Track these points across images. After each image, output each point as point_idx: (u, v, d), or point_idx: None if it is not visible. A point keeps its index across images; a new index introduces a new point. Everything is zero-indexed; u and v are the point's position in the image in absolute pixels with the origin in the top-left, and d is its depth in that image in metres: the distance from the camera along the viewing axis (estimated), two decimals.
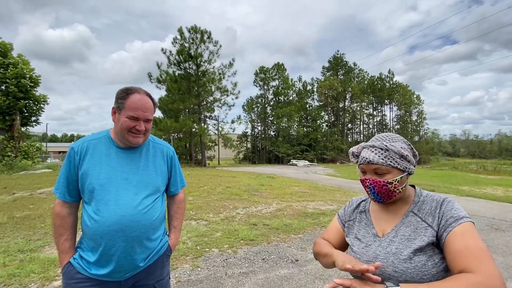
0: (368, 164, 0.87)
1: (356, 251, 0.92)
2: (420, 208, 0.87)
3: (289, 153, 36.78)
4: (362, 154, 0.90)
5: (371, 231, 0.93)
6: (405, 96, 49.67)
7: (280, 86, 40.43)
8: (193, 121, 24.64)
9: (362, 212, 1.01)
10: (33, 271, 2.86)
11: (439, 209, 0.83)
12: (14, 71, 17.14)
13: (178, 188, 1.43)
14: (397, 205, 0.91)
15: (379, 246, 0.88)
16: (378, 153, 0.85)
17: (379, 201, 0.89)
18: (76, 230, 1.24)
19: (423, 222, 0.83)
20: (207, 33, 24.47)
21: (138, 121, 1.16)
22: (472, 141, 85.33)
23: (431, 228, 0.81)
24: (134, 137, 1.18)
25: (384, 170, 0.85)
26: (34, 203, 6.38)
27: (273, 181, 11.96)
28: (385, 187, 0.85)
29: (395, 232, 0.87)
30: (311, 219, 5.34)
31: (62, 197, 1.18)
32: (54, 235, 1.18)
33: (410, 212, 0.88)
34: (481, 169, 25.37)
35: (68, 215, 1.19)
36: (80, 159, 1.17)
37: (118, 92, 1.20)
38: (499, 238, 4.43)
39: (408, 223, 0.86)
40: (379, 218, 0.95)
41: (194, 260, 3.31)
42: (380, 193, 0.86)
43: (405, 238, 0.84)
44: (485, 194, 9.52)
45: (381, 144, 0.86)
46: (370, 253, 0.88)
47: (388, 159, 0.84)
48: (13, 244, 3.65)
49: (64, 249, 1.17)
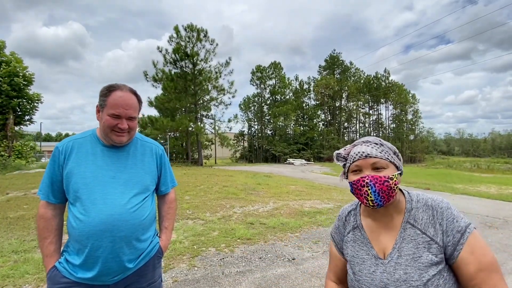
0: (366, 159, 0.80)
1: (359, 279, 0.83)
2: (416, 217, 0.80)
3: (286, 152, 36.86)
4: (355, 150, 0.83)
5: (371, 252, 0.84)
6: (401, 95, 50.08)
7: (277, 85, 40.47)
8: (190, 120, 24.53)
9: (356, 229, 0.90)
10: (27, 272, 2.82)
11: (439, 219, 0.77)
12: (6, 70, 16.88)
13: (169, 188, 1.39)
14: (391, 215, 0.83)
15: (384, 272, 0.79)
16: (375, 146, 0.82)
17: (379, 203, 0.78)
18: (62, 233, 1.19)
19: (424, 235, 0.77)
20: (203, 31, 24.35)
21: (120, 119, 1.11)
22: (466, 140, 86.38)
23: (435, 243, 0.75)
24: (118, 135, 1.13)
25: (383, 164, 0.79)
26: (28, 203, 6.31)
27: (269, 180, 11.97)
28: (386, 183, 0.76)
29: (397, 251, 0.79)
30: (308, 218, 5.36)
31: (46, 198, 1.14)
32: (38, 238, 1.14)
33: (407, 224, 0.80)
34: (475, 168, 25.71)
35: (53, 217, 1.14)
36: (65, 158, 1.12)
37: (102, 89, 1.15)
38: (493, 235, 4.50)
39: (408, 237, 0.78)
40: (375, 234, 0.85)
41: (191, 259, 3.30)
42: (381, 192, 0.76)
43: (410, 258, 0.76)
44: (479, 192, 9.64)
45: (375, 139, 0.84)
46: (377, 282, 0.79)
47: (385, 153, 0.80)
48: (7, 245, 3.61)
49: (48, 253, 1.12)
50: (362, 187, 0.79)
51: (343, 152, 0.88)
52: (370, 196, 0.78)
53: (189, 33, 24.23)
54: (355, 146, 0.85)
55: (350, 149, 0.87)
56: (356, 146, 0.85)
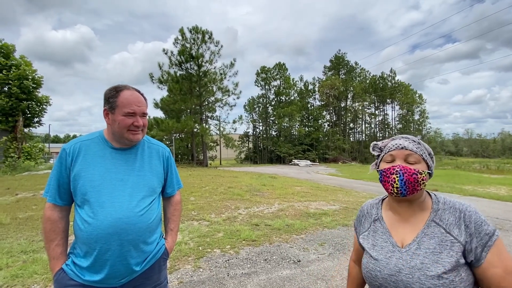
0: (401, 150, 0.86)
1: (375, 263, 0.87)
2: (442, 217, 0.83)
3: (291, 153, 36.75)
4: (393, 142, 0.89)
5: (389, 240, 0.89)
6: (407, 95, 49.51)
7: (282, 86, 40.41)
8: (195, 121, 24.68)
9: (376, 221, 0.96)
10: (36, 272, 2.87)
11: (466, 221, 0.79)
12: (16, 73, 17.25)
13: (175, 190, 1.39)
14: (415, 212, 0.87)
15: (400, 258, 0.83)
16: (412, 142, 0.87)
17: (403, 192, 0.82)
18: (68, 235, 1.18)
19: (448, 235, 0.80)
20: (208, 33, 24.50)
21: (135, 117, 1.13)
22: (475, 140, 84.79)
23: (459, 242, 0.78)
24: (134, 134, 1.14)
25: (416, 158, 0.84)
26: (37, 204, 6.41)
27: (274, 181, 11.94)
28: (414, 175, 0.81)
29: (417, 243, 0.83)
30: (313, 219, 5.32)
31: (52, 200, 1.13)
32: (45, 241, 1.13)
33: (431, 222, 0.83)
34: (484, 168, 25.21)
35: (59, 219, 1.14)
36: (72, 160, 1.12)
37: (107, 92, 1.14)
38: (503, 238, 4.40)
39: (432, 234, 0.82)
40: (395, 226, 0.90)
41: (196, 260, 3.30)
42: (407, 182, 0.81)
43: (430, 251, 0.80)
44: (489, 194, 9.45)
45: (414, 138, 0.89)
46: (391, 266, 0.83)
47: (420, 150, 0.86)
48: (16, 245, 3.67)
49: (55, 255, 1.11)
50: (391, 175, 0.84)
51: (380, 143, 0.94)
52: (397, 184, 0.82)
53: (194, 35, 24.41)
54: (394, 140, 0.91)
55: (388, 142, 0.92)
56: (394, 140, 0.90)
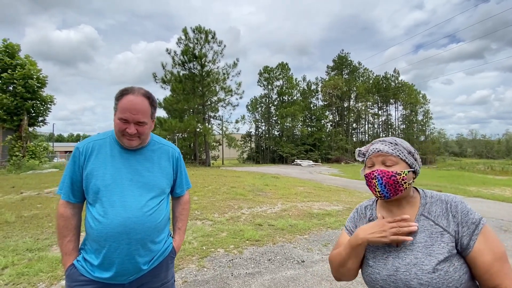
0: (378, 154, 0.89)
1: (373, 265, 0.90)
2: (430, 210, 0.86)
3: (293, 153, 36.71)
4: (371, 147, 0.93)
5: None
6: (411, 95, 49.19)
7: (284, 86, 40.38)
8: (198, 121, 24.73)
9: (371, 221, 0.98)
10: (41, 270, 2.89)
11: (453, 212, 0.83)
12: (21, 72, 17.40)
13: (184, 190, 1.41)
14: (405, 209, 0.90)
15: (396, 257, 0.86)
16: (388, 144, 0.90)
17: (385, 195, 0.86)
18: (79, 232, 1.22)
19: (437, 226, 0.83)
20: (211, 33, 24.53)
21: (128, 124, 1.11)
22: (479, 141, 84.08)
23: (448, 233, 0.81)
24: (128, 140, 1.14)
25: (393, 160, 0.86)
26: (41, 202, 6.46)
27: (277, 181, 11.93)
28: (393, 177, 0.84)
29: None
30: (317, 220, 5.31)
31: (66, 197, 1.16)
32: (58, 237, 1.16)
33: (420, 216, 0.86)
34: (489, 169, 25.01)
35: (72, 216, 1.17)
36: (85, 159, 1.14)
37: (117, 92, 1.16)
38: (509, 239, 4.35)
39: (422, 228, 0.85)
40: None
41: (200, 260, 3.31)
42: (387, 185, 0.85)
43: (422, 245, 0.83)
44: (493, 195, 9.37)
45: (391, 139, 0.92)
46: (389, 266, 0.85)
47: (397, 151, 0.88)
48: (22, 243, 3.70)
49: (67, 251, 1.15)
50: (372, 179, 0.88)
51: (363, 149, 0.97)
52: (377, 188, 0.87)
53: (197, 35, 24.46)
54: (373, 144, 0.94)
55: (368, 147, 0.96)
56: (373, 144, 0.94)
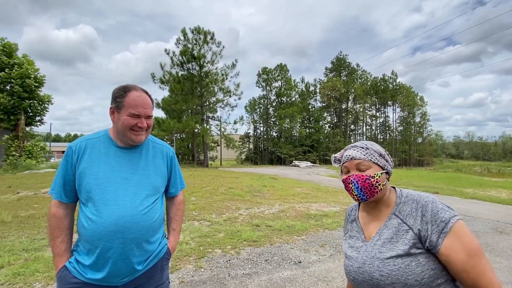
0: (351, 160, 0.94)
1: (348, 257, 0.97)
2: (401, 209, 0.90)
3: (291, 154, 36.72)
4: (345, 154, 0.98)
5: (360, 237, 0.98)
6: (409, 97, 49.40)
7: (283, 87, 40.41)
8: (196, 121, 24.69)
9: (353, 221, 1.05)
10: (37, 270, 2.88)
11: (423, 211, 0.84)
12: (19, 71, 17.28)
13: (178, 190, 1.40)
14: (381, 209, 0.95)
15: (365, 251, 0.92)
16: (360, 150, 0.95)
17: (363, 198, 0.92)
18: (72, 232, 1.20)
19: (404, 224, 0.87)
20: (210, 34, 24.53)
21: (139, 118, 1.14)
22: (476, 143, 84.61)
23: (411, 230, 0.84)
24: (136, 135, 1.15)
25: (366, 165, 0.91)
26: (38, 202, 6.43)
27: (275, 182, 11.94)
28: (368, 181, 0.89)
29: (378, 235, 0.91)
30: (314, 221, 5.33)
31: (58, 197, 1.14)
32: (50, 237, 1.14)
33: (392, 215, 0.91)
34: (485, 171, 25.18)
35: (65, 216, 1.15)
36: (78, 158, 1.13)
37: (115, 91, 1.16)
38: (504, 241, 4.39)
39: (390, 225, 0.90)
40: (367, 224, 0.99)
41: (197, 260, 3.31)
42: (363, 188, 0.90)
43: (387, 240, 0.88)
44: (490, 197, 9.43)
45: (362, 144, 0.97)
46: (359, 259, 0.92)
47: (368, 155, 0.93)
48: (18, 243, 3.68)
49: (59, 252, 1.12)
50: (349, 184, 0.94)
51: (338, 155, 1.02)
52: (354, 192, 0.93)
53: (196, 35, 24.44)
54: (346, 150, 0.99)
55: (342, 153, 1.00)
56: (346, 151, 0.99)
